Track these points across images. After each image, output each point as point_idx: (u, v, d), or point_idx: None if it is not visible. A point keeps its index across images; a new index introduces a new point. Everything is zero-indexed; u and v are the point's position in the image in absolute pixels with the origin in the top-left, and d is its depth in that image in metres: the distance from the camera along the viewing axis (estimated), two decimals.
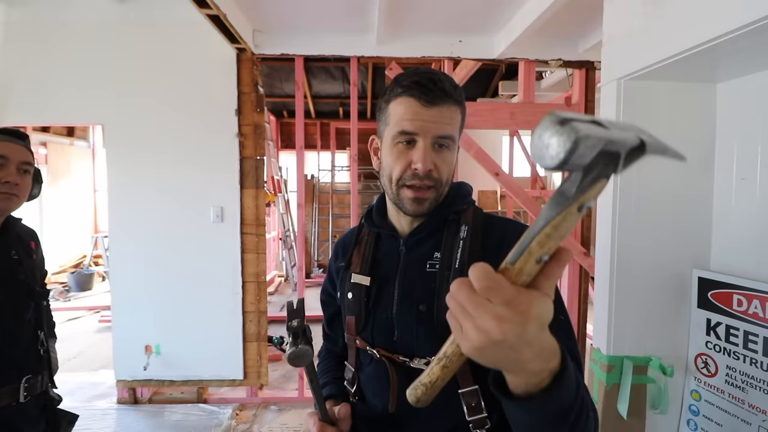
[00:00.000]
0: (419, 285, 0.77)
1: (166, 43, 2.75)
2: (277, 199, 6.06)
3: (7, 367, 1.13)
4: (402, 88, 0.73)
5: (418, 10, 2.40)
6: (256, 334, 2.89)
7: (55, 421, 1.28)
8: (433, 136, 0.72)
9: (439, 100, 0.71)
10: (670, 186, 1.46)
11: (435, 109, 0.71)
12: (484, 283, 0.39)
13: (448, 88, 0.71)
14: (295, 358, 0.64)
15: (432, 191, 0.75)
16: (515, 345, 0.40)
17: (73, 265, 6.73)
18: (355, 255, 0.86)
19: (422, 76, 0.72)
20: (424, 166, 0.72)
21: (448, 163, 0.76)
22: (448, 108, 0.72)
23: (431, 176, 0.74)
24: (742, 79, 1.36)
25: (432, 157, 0.73)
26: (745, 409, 1.30)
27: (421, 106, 0.71)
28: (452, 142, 0.75)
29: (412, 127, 0.72)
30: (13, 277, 1.17)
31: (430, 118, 0.71)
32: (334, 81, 5.52)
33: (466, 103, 0.79)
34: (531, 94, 2.89)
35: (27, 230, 1.32)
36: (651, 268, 1.47)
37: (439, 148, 0.74)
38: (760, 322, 1.26)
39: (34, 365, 1.21)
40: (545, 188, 4.77)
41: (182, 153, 2.78)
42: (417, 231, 0.80)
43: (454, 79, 0.81)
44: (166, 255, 2.82)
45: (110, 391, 3.04)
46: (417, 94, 0.71)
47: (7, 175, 1.13)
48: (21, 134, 1.20)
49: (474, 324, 0.40)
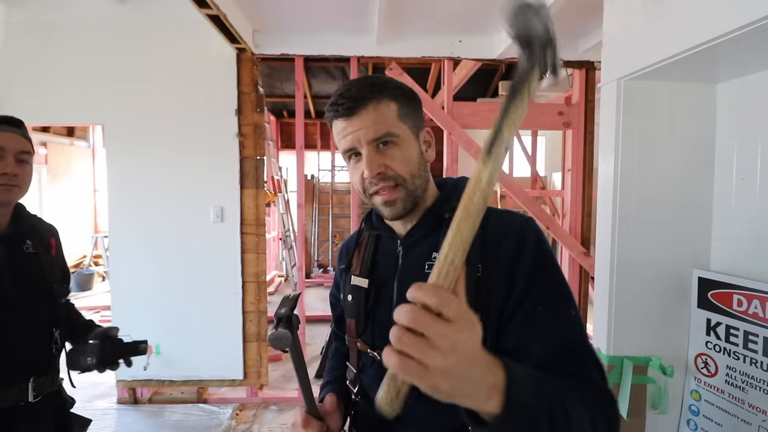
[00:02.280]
0: None
1: (166, 43, 2.75)
2: (277, 199, 6.06)
3: (15, 364, 1.09)
4: (327, 115, 0.75)
5: (418, 10, 2.40)
6: (256, 334, 2.89)
7: (65, 425, 1.23)
8: (366, 141, 0.71)
9: (353, 108, 0.71)
10: (670, 186, 1.46)
11: (355, 117, 0.71)
12: (434, 300, 0.40)
13: (357, 93, 0.71)
14: (274, 339, 0.67)
15: (399, 189, 0.73)
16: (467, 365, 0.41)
17: (73, 265, 6.72)
18: (355, 257, 0.86)
19: (336, 93, 0.73)
20: (371, 171, 0.72)
21: (400, 157, 0.73)
22: (368, 109, 0.71)
23: (386, 176, 0.72)
24: (742, 79, 1.36)
25: (377, 159, 0.72)
26: (745, 409, 1.30)
27: (345, 121, 0.72)
28: (395, 136, 0.72)
29: (346, 143, 0.73)
30: (25, 271, 1.13)
31: (356, 128, 0.71)
32: (334, 81, 5.52)
33: (466, 103, 0.79)
34: None
35: (47, 226, 1.28)
36: (651, 268, 1.47)
37: (384, 146, 0.72)
38: (760, 322, 1.26)
39: (44, 364, 1.16)
40: (545, 188, 4.77)
41: (182, 153, 2.78)
42: (413, 232, 0.79)
43: (454, 79, 0.80)
44: (166, 255, 2.82)
45: (110, 391, 3.04)
46: (334, 113, 0.73)
47: (5, 166, 1.08)
48: (16, 121, 1.14)
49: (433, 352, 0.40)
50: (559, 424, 0.49)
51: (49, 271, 1.20)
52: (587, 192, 2.89)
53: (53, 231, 1.30)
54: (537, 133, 4.30)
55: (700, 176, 1.46)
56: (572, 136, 2.87)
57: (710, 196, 1.46)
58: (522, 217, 0.75)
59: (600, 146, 1.55)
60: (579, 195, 2.88)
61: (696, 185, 1.46)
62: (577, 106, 2.84)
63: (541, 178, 4.60)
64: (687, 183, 1.46)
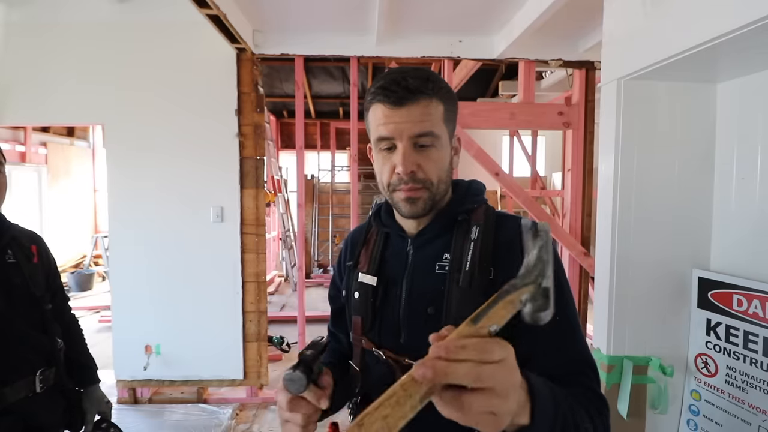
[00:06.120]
0: (428, 287, 0.75)
1: (166, 43, 2.74)
2: (277, 199, 6.07)
3: (19, 364, 1.14)
4: (371, 96, 0.72)
5: (418, 10, 2.40)
6: (256, 334, 2.89)
7: (72, 408, 1.29)
8: (408, 136, 0.70)
9: (405, 99, 0.69)
10: (670, 186, 1.46)
11: (404, 109, 0.69)
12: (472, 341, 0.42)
13: (414, 85, 0.69)
14: (288, 381, 0.63)
15: (424, 191, 0.73)
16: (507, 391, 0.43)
17: (73, 265, 6.73)
18: (363, 254, 0.85)
19: (387, 78, 0.71)
20: (405, 168, 0.70)
21: (435, 161, 0.72)
22: (419, 104, 0.70)
23: (416, 178, 0.72)
24: (742, 79, 1.36)
25: (413, 158, 0.71)
26: (745, 409, 1.30)
27: (390, 109, 0.70)
28: (435, 138, 0.72)
29: (386, 131, 0.71)
30: (7, 282, 1.15)
31: (402, 119, 0.69)
32: (334, 81, 5.52)
33: (466, 103, 0.78)
34: (531, 94, 2.89)
35: (27, 233, 1.29)
36: (651, 268, 1.47)
37: (421, 147, 0.71)
38: (760, 322, 1.26)
39: (47, 359, 1.20)
40: (545, 188, 4.77)
41: (182, 153, 2.78)
42: (424, 231, 0.78)
43: (454, 79, 0.80)
44: (166, 255, 2.82)
45: (110, 391, 3.03)
46: (382, 98, 0.70)
47: None
48: None
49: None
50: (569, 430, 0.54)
51: (34, 280, 1.22)
52: (587, 192, 2.89)
53: (35, 238, 1.31)
54: (537, 133, 4.30)
55: (700, 176, 1.46)
56: (572, 136, 2.87)
57: (710, 195, 1.46)
58: (532, 223, 0.77)
59: (600, 146, 1.55)
60: (579, 195, 2.88)
61: (696, 185, 1.46)
62: (577, 106, 2.84)
63: (541, 178, 4.60)
64: (687, 183, 1.46)
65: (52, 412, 1.22)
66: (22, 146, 5.74)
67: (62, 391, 1.26)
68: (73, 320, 1.44)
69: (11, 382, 1.11)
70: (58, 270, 1.39)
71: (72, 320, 1.43)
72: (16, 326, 1.15)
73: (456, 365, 0.40)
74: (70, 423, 1.29)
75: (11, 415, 1.11)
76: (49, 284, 1.30)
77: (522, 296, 0.47)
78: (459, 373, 0.40)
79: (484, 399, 0.41)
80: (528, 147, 4.39)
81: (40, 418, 1.17)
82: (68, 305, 1.43)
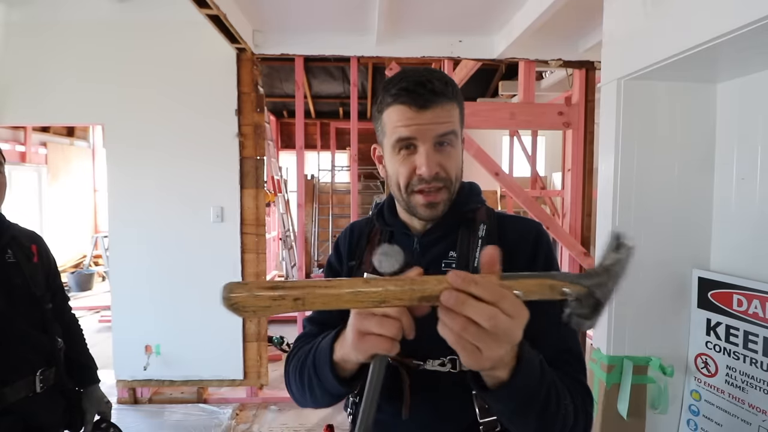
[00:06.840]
0: None
1: (166, 43, 2.74)
2: (277, 199, 6.06)
3: (19, 364, 1.14)
4: (391, 97, 0.70)
5: (418, 10, 2.40)
6: (256, 334, 2.89)
7: (72, 408, 1.29)
8: (432, 137, 0.70)
9: (431, 102, 0.68)
10: (670, 186, 1.46)
11: (429, 111, 0.69)
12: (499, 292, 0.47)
13: (439, 88, 0.69)
14: (382, 255, 0.54)
15: (444, 192, 0.73)
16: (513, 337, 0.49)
17: (73, 265, 6.73)
18: (367, 253, 0.84)
19: (410, 80, 0.69)
20: (429, 170, 0.70)
21: (454, 159, 0.73)
22: (443, 107, 0.69)
23: (439, 177, 0.72)
24: (742, 79, 1.36)
25: (436, 158, 0.71)
26: (745, 409, 1.30)
27: (414, 112, 0.69)
28: (454, 137, 0.72)
29: (408, 132, 0.70)
30: (8, 281, 1.15)
31: (426, 121, 0.69)
32: (334, 81, 5.52)
33: (466, 103, 0.78)
34: (531, 94, 2.89)
35: (27, 233, 1.29)
36: (651, 268, 1.47)
37: (441, 146, 0.72)
38: (760, 322, 1.26)
39: (47, 359, 1.21)
40: (545, 188, 4.77)
41: (182, 153, 2.78)
42: (432, 230, 0.79)
43: (454, 79, 0.80)
44: (166, 255, 2.82)
45: (110, 391, 3.03)
46: (407, 100, 0.69)
47: None
48: None
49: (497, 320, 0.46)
50: (550, 406, 0.59)
51: (35, 280, 1.22)
52: (587, 192, 2.89)
53: (35, 237, 1.31)
54: (537, 133, 4.29)
55: (700, 176, 1.46)
56: (572, 136, 2.87)
57: (710, 195, 1.46)
58: (537, 224, 0.81)
59: (600, 146, 1.55)
60: (579, 195, 2.88)
61: (696, 185, 1.46)
62: (577, 106, 2.84)
63: (541, 178, 4.59)
64: (687, 183, 1.46)
65: (52, 412, 1.22)
66: (22, 146, 5.74)
67: (62, 391, 1.26)
68: (74, 320, 1.44)
69: (11, 382, 1.11)
70: (58, 270, 1.39)
71: (72, 320, 1.43)
72: (17, 326, 1.15)
73: (478, 305, 0.46)
74: (70, 423, 1.29)
75: (11, 415, 1.11)
76: (50, 284, 1.30)
77: (565, 289, 0.48)
78: (476, 311, 0.46)
79: (480, 334, 0.46)
80: (528, 147, 4.38)
81: (40, 418, 1.17)
82: (68, 305, 1.43)
